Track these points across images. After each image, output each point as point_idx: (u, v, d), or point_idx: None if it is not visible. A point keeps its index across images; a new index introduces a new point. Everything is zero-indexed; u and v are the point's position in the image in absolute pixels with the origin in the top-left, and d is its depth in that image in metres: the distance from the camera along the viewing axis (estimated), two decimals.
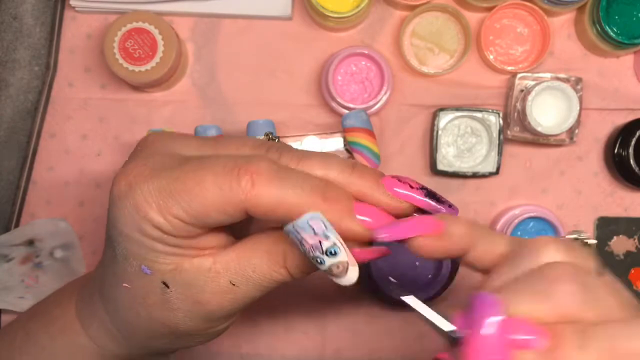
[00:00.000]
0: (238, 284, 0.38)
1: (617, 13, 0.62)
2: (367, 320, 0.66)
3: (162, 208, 0.36)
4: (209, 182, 0.35)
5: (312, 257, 0.35)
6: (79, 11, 0.64)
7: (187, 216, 0.36)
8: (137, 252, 0.37)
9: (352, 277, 0.36)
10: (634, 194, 0.66)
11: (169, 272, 0.38)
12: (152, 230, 0.36)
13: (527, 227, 0.64)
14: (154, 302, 0.39)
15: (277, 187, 0.35)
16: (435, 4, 0.63)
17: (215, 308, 0.39)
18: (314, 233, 0.35)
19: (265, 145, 0.39)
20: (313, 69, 0.65)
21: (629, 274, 0.66)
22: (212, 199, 0.35)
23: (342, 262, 0.35)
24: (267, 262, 0.38)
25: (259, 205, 0.35)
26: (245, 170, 0.35)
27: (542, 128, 0.61)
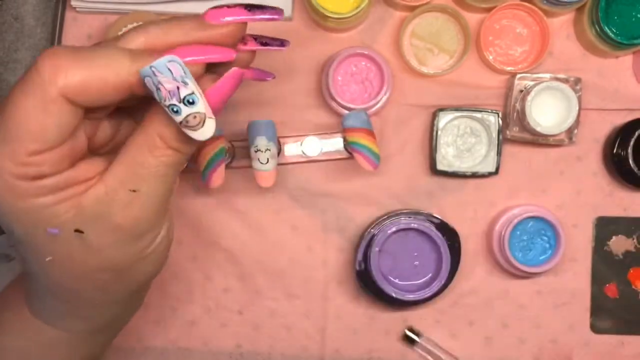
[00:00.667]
0: (137, 187, 0.38)
1: (616, 13, 0.62)
2: (367, 320, 0.66)
3: (11, 156, 0.35)
4: (18, 98, 0.35)
5: (168, 106, 0.35)
6: (80, 12, 0.64)
7: (35, 144, 0.35)
8: (32, 220, 0.37)
9: (208, 129, 0.36)
10: (633, 194, 0.66)
11: (74, 217, 0.37)
12: (27, 185, 0.35)
13: (526, 227, 0.64)
14: (79, 256, 0.38)
15: (82, 66, 0.35)
16: (435, 5, 0.63)
17: (132, 222, 0.38)
18: (172, 78, 0.34)
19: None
20: (313, 69, 0.65)
21: (628, 273, 0.66)
22: (31, 109, 0.35)
23: (199, 112, 0.35)
24: (149, 152, 0.37)
25: (74, 89, 0.35)
26: (41, 63, 0.35)
27: (541, 128, 0.61)
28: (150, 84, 0.35)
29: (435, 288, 0.63)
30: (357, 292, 0.66)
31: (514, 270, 0.64)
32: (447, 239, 0.63)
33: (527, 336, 0.66)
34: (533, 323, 0.66)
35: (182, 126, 0.36)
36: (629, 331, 0.66)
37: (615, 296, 0.66)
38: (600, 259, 0.66)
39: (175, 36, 0.38)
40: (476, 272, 0.66)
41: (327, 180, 0.65)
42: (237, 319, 0.66)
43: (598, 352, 0.66)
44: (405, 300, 0.63)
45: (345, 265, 0.66)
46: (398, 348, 0.66)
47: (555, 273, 0.65)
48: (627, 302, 0.66)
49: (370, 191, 0.65)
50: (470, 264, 0.65)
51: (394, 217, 0.63)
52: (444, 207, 0.65)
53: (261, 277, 0.66)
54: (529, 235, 0.64)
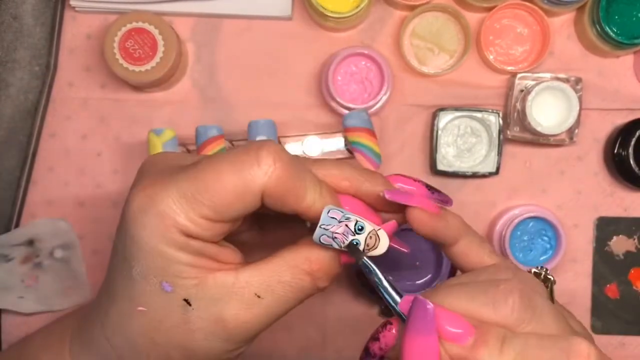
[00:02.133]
0: (263, 295, 0.38)
1: (617, 13, 0.62)
2: (367, 320, 0.66)
3: (187, 211, 0.36)
4: (227, 172, 0.36)
5: (349, 245, 0.37)
6: (79, 11, 0.64)
7: (212, 213, 0.36)
8: (159, 266, 0.37)
9: (385, 241, 0.38)
10: (634, 194, 0.66)
11: (192, 287, 0.37)
12: (179, 237, 0.36)
13: (527, 227, 0.64)
14: (172, 325, 0.38)
15: (294, 174, 0.37)
16: (435, 4, 0.63)
17: (238, 325, 0.39)
18: (338, 222, 0.37)
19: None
20: (313, 69, 0.65)
21: (629, 274, 0.66)
22: (233, 189, 0.36)
23: (371, 230, 0.38)
24: (291, 271, 0.39)
25: (277, 187, 0.37)
26: (265, 152, 0.37)
27: (542, 128, 0.61)
28: (327, 240, 0.38)
29: None
30: (357, 292, 0.66)
31: None
32: None
33: None
34: None
35: (365, 255, 0.38)
36: (629, 332, 0.66)
37: (616, 296, 0.65)
38: (601, 259, 0.65)
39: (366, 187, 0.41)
40: None
41: None
42: None
43: None
44: None
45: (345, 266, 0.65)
46: None
47: (556, 273, 0.65)
48: (628, 303, 0.65)
49: None
50: None
51: None
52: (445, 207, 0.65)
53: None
54: (530, 235, 0.64)
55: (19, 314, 0.64)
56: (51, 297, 0.64)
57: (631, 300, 0.65)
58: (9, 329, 0.64)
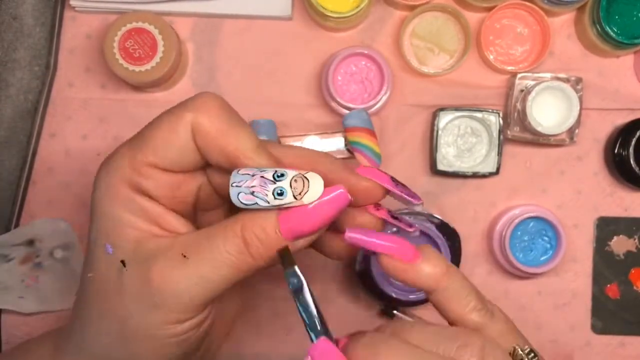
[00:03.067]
0: (189, 255, 0.37)
1: (617, 13, 0.62)
2: (367, 321, 0.66)
3: (132, 161, 0.38)
4: (162, 115, 0.39)
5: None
6: (79, 11, 0.64)
7: (153, 155, 0.38)
8: (106, 228, 0.38)
9: (318, 183, 0.35)
10: (634, 194, 0.66)
11: (130, 250, 0.38)
12: (126, 192, 0.38)
13: (527, 227, 0.64)
14: (111, 289, 0.38)
15: (226, 114, 0.39)
16: (435, 4, 0.63)
17: (164, 284, 0.36)
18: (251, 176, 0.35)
19: None
20: (313, 69, 0.65)
21: (629, 274, 0.66)
22: (167, 124, 0.38)
23: (295, 174, 0.35)
24: (223, 234, 0.37)
25: (205, 124, 0.37)
26: (201, 94, 0.39)
27: (542, 128, 0.61)
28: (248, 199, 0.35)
29: None
30: (357, 292, 0.66)
31: (514, 271, 0.64)
32: (447, 239, 0.63)
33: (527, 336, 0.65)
34: (534, 323, 0.66)
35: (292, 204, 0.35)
36: (629, 332, 0.66)
37: (617, 297, 0.65)
38: (601, 260, 0.65)
39: (324, 163, 0.39)
40: (476, 272, 0.66)
41: None
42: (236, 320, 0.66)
43: (599, 353, 0.66)
44: (405, 300, 0.62)
45: (345, 266, 0.66)
46: None
47: (556, 273, 0.65)
48: (628, 303, 0.65)
49: None
50: (471, 265, 0.65)
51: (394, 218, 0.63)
52: (445, 207, 0.65)
53: (261, 277, 0.66)
54: (530, 235, 0.64)
55: (19, 314, 0.64)
56: (51, 297, 0.64)
57: (631, 300, 0.65)
58: (9, 329, 0.64)
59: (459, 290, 0.38)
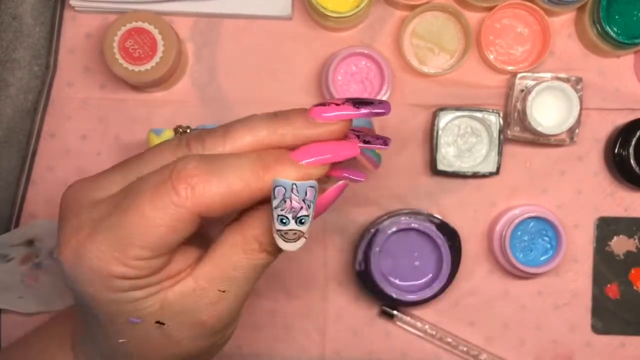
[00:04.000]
0: (227, 288, 0.37)
1: (617, 13, 0.62)
2: (367, 321, 0.66)
3: (119, 258, 0.34)
4: (149, 211, 0.34)
5: (278, 215, 0.34)
6: (79, 11, 0.64)
7: (146, 252, 0.34)
8: (118, 310, 0.36)
9: (299, 245, 0.35)
10: (634, 194, 0.65)
11: (158, 310, 0.37)
12: (122, 283, 0.35)
13: (527, 227, 0.64)
14: (156, 344, 0.38)
15: (217, 181, 0.34)
16: (435, 4, 0.63)
17: (215, 321, 0.38)
18: (303, 199, 0.34)
19: (182, 142, 0.37)
20: (313, 69, 0.65)
21: (630, 274, 0.66)
22: (162, 225, 0.34)
23: (302, 231, 0.35)
24: (244, 255, 0.37)
25: (208, 207, 0.34)
26: (177, 180, 0.34)
27: (542, 128, 0.61)
28: (279, 193, 0.34)
29: (436, 288, 0.62)
30: (357, 292, 0.66)
31: (514, 271, 0.64)
32: (447, 239, 0.63)
33: (528, 337, 0.66)
34: (534, 324, 0.66)
35: (277, 234, 0.35)
36: (630, 332, 0.66)
37: (617, 297, 0.65)
38: (602, 260, 0.65)
39: (283, 135, 0.37)
40: (477, 272, 0.66)
41: None
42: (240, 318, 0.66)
43: (599, 353, 0.66)
44: (405, 300, 0.62)
45: (345, 266, 0.65)
46: (398, 349, 0.66)
47: (556, 273, 0.65)
48: (629, 303, 0.65)
49: (370, 191, 0.65)
50: (471, 265, 0.65)
51: (394, 217, 0.63)
52: (445, 207, 0.65)
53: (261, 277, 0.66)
54: (530, 235, 0.64)
55: (19, 314, 0.64)
56: (51, 297, 0.64)
57: (632, 301, 0.65)
58: (9, 329, 0.64)
59: None
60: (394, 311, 0.65)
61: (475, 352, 0.65)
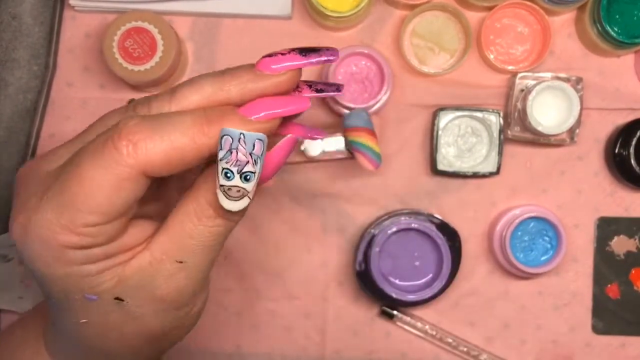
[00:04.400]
0: (184, 259, 0.36)
1: (617, 12, 0.62)
2: (367, 321, 0.66)
3: (67, 225, 0.33)
4: (90, 172, 0.33)
5: (223, 168, 0.33)
6: (78, 10, 0.64)
7: (94, 217, 0.33)
8: (72, 286, 0.35)
9: (241, 205, 0.34)
10: (635, 194, 0.65)
11: (115, 285, 0.36)
12: (74, 254, 0.34)
13: (527, 227, 0.64)
14: (117, 322, 0.37)
15: (159, 137, 0.33)
16: (436, 4, 0.63)
17: (176, 294, 0.37)
18: (251, 152, 0.33)
19: (130, 106, 0.37)
20: (313, 69, 0.65)
21: (630, 274, 0.65)
22: (105, 184, 0.33)
23: (246, 189, 0.34)
24: (199, 222, 0.35)
25: (152, 164, 0.33)
26: (118, 138, 0.33)
27: (542, 128, 0.61)
28: (226, 143, 0.33)
29: (436, 289, 0.62)
30: (357, 292, 0.66)
31: (515, 271, 0.64)
32: (447, 239, 0.63)
33: (528, 337, 0.66)
34: (534, 324, 0.66)
35: (221, 189, 0.34)
36: (630, 332, 0.66)
37: (617, 297, 0.65)
38: (602, 260, 0.65)
39: (230, 91, 0.36)
40: (477, 272, 0.66)
41: (327, 180, 0.65)
42: (236, 319, 0.66)
43: (599, 353, 0.66)
44: (405, 301, 0.62)
45: (345, 266, 0.65)
46: (398, 349, 0.66)
47: (557, 273, 0.65)
48: (629, 303, 0.65)
49: (370, 191, 0.65)
50: (471, 265, 0.65)
51: (394, 217, 0.63)
52: (445, 207, 0.65)
53: (261, 277, 0.66)
54: (530, 235, 0.64)
55: (18, 314, 0.64)
56: None
57: (632, 301, 0.65)
58: None
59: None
60: (394, 311, 0.65)
61: (475, 352, 0.65)
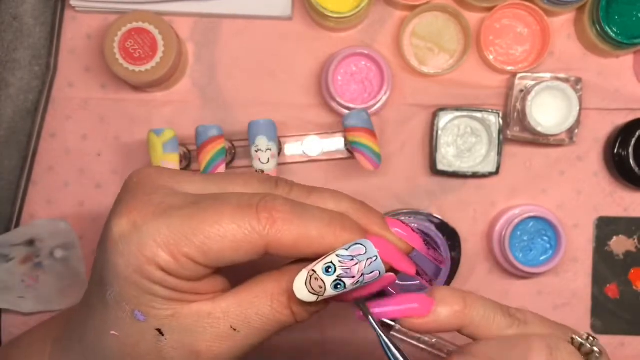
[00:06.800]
0: (239, 328, 0.36)
1: (616, 13, 0.62)
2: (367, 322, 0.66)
3: (172, 248, 0.34)
4: (226, 220, 0.34)
5: (330, 261, 0.35)
6: (79, 11, 0.64)
7: (201, 256, 0.34)
8: (133, 295, 0.35)
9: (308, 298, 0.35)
10: (634, 194, 0.66)
11: (166, 318, 0.36)
12: (156, 272, 0.34)
13: (527, 227, 0.64)
14: (145, 352, 0.37)
15: (297, 223, 0.35)
16: (435, 4, 0.63)
17: (212, 356, 0.37)
18: (363, 273, 0.35)
19: (272, 180, 0.38)
20: (313, 69, 0.65)
21: (629, 274, 0.66)
22: (231, 237, 0.34)
23: (324, 290, 0.35)
24: (270, 304, 0.36)
25: (281, 243, 0.35)
26: (263, 208, 0.34)
27: (542, 128, 0.61)
28: (354, 250, 0.35)
29: None
30: None
31: (514, 271, 0.64)
32: (447, 239, 0.63)
33: None
34: None
35: (307, 269, 0.35)
36: (629, 332, 0.66)
37: (616, 296, 0.66)
38: (601, 259, 0.66)
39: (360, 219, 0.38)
40: (476, 272, 0.66)
41: (328, 180, 0.65)
42: None
43: None
44: None
45: None
46: None
47: (556, 273, 0.65)
48: (628, 303, 0.65)
49: (370, 191, 0.65)
50: (471, 264, 0.65)
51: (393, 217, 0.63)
52: (444, 207, 0.65)
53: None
54: (530, 235, 0.64)
55: (19, 314, 0.64)
56: (51, 297, 0.64)
57: (631, 300, 0.66)
58: (9, 329, 0.64)
59: (484, 316, 0.38)
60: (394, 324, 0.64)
61: None
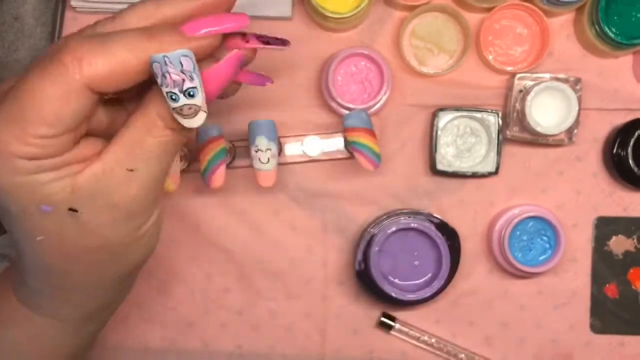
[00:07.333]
0: (135, 167, 0.38)
1: (616, 13, 0.62)
2: (367, 321, 0.66)
3: (18, 136, 0.35)
4: (39, 85, 0.35)
5: (167, 92, 0.36)
6: (80, 12, 0.64)
7: (45, 128, 0.35)
8: (26, 197, 0.37)
9: (198, 120, 0.38)
10: (633, 194, 0.66)
11: (69, 195, 0.37)
12: (26, 164, 0.36)
13: (526, 227, 0.64)
14: (73, 235, 0.38)
15: (102, 52, 0.35)
16: (435, 5, 0.63)
17: (129, 201, 0.39)
18: (182, 70, 0.36)
19: (79, 31, 0.40)
20: (313, 69, 0.65)
21: (628, 273, 0.66)
22: (52, 97, 0.35)
23: (195, 105, 0.37)
24: (147, 131, 0.38)
25: (98, 78, 0.35)
26: (64, 53, 0.35)
27: (541, 128, 0.61)
28: (157, 69, 0.36)
29: (435, 288, 0.63)
30: (357, 292, 0.66)
31: (513, 271, 0.64)
32: (447, 238, 0.63)
33: (527, 336, 0.66)
34: (533, 323, 0.66)
35: (174, 112, 0.37)
36: (629, 331, 0.66)
37: (615, 296, 0.66)
38: (600, 259, 0.66)
39: (166, 11, 0.39)
40: (476, 272, 0.66)
41: (327, 180, 0.65)
42: (237, 319, 0.66)
43: (598, 353, 0.66)
44: (405, 300, 0.63)
45: (345, 266, 0.66)
46: (398, 349, 0.66)
47: (555, 273, 0.66)
48: (627, 302, 0.66)
49: (370, 191, 0.65)
50: (470, 264, 0.65)
51: (393, 217, 0.63)
52: (444, 207, 0.65)
53: (261, 277, 0.66)
54: (529, 235, 0.64)
55: None
56: None
57: (630, 300, 0.66)
58: None
59: None
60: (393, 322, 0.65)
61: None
